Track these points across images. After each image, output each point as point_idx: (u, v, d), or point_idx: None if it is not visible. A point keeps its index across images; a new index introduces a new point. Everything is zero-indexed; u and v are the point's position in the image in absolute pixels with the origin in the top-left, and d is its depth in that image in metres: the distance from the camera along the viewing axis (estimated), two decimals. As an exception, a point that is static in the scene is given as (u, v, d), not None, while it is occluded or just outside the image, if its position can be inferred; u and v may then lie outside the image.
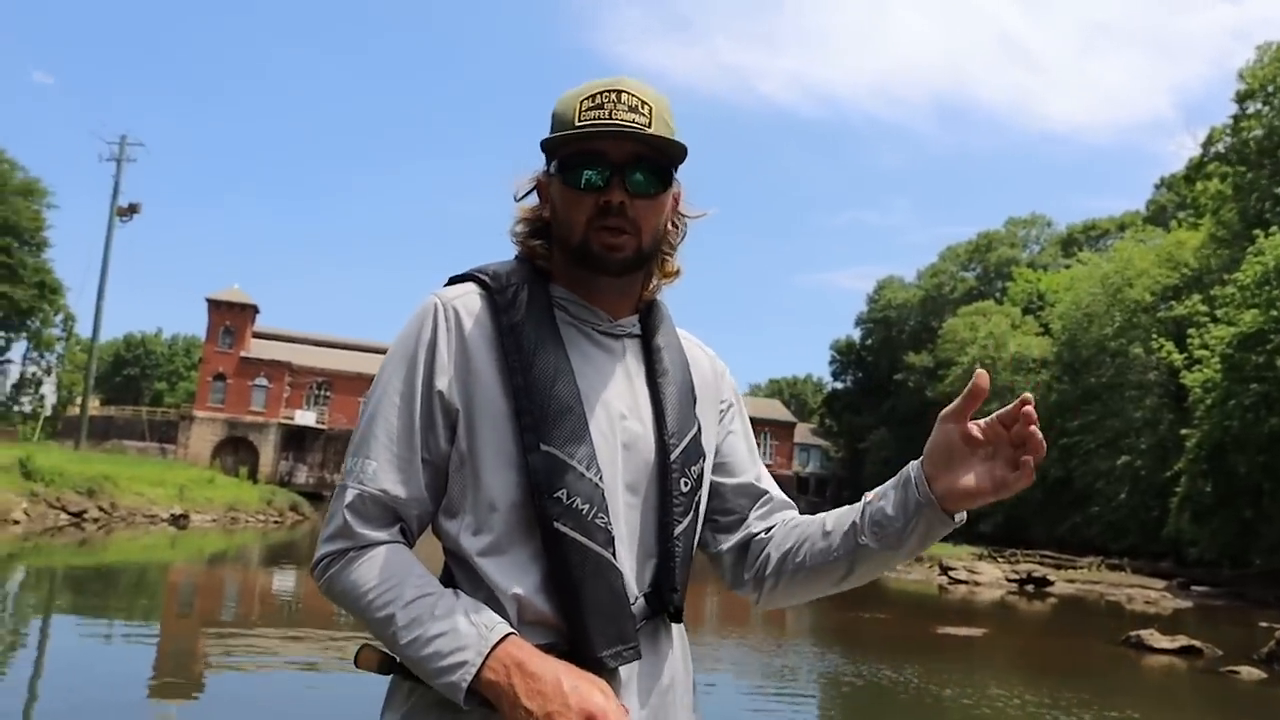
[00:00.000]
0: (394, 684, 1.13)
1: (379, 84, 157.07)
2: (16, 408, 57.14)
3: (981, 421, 1.11)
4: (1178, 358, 30.84)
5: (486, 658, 0.99)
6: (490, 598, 1.07)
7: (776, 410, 66.02)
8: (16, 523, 17.62)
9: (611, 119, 1.12)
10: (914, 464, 1.16)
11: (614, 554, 1.09)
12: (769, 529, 1.30)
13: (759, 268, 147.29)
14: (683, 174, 1.20)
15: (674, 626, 1.21)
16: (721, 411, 1.33)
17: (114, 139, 35.82)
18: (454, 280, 1.23)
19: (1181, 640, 12.36)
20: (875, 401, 59.55)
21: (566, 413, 1.10)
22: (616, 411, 1.16)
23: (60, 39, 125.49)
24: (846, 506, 1.25)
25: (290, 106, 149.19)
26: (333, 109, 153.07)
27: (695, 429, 1.23)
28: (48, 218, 45.45)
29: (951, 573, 25.22)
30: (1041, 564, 28.85)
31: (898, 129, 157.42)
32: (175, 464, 38.18)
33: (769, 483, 1.36)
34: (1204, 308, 31.59)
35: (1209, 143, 37.63)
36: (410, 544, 1.14)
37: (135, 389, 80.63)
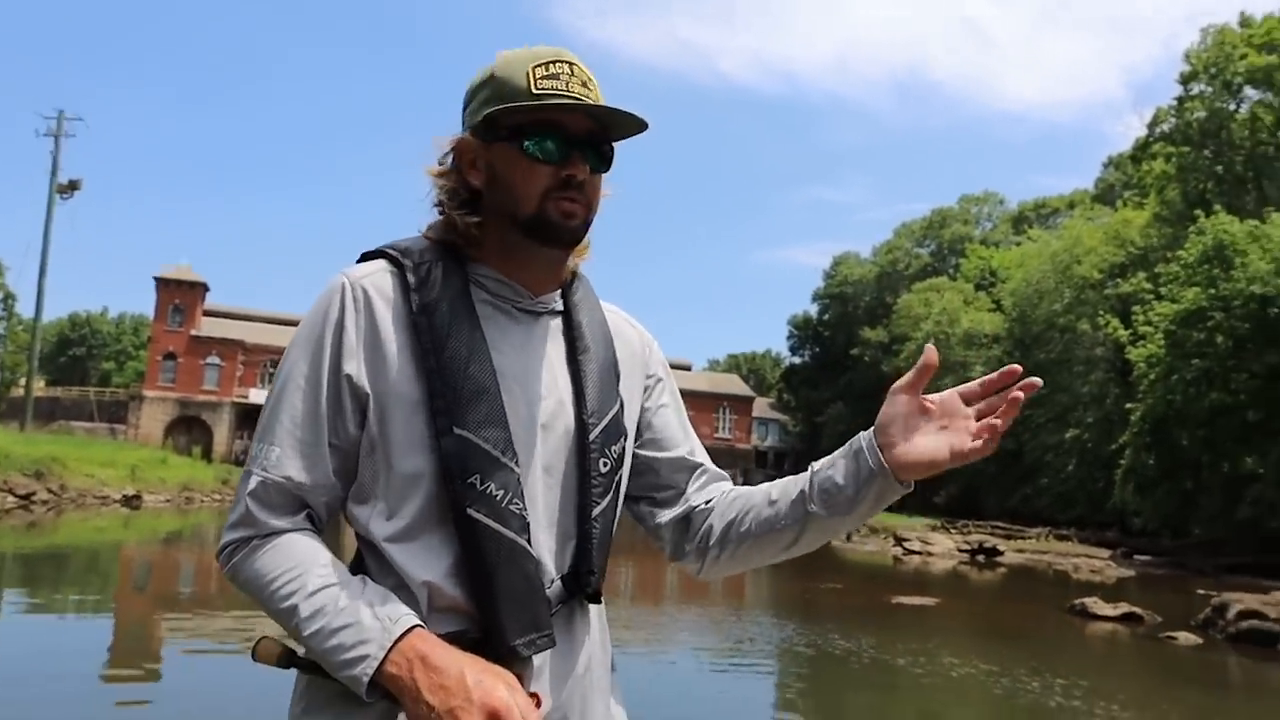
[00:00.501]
0: (297, 678, 1.10)
1: (327, 59, 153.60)
2: (-44, 388, 55.30)
3: (937, 395, 1.14)
4: (1123, 334, 31.65)
5: (389, 651, 0.96)
6: (400, 585, 1.05)
7: (735, 385, 66.51)
8: (-40, 506, 17.19)
9: (568, 90, 1.09)
10: (865, 434, 1.16)
11: (529, 540, 1.06)
12: (708, 501, 1.28)
13: (718, 245, 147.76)
14: (638, 148, 1.18)
15: (592, 608, 1.18)
16: (648, 387, 1.31)
17: (52, 114, 34.59)
18: (365, 257, 1.17)
19: (1124, 608, 12.83)
20: (832, 376, 60.25)
21: (481, 394, 1.07)
22: (535, 392, 1.13)
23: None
24: (790, 477, 1.24)
25: (238, 82, 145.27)
26: (282, 85, 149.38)
27: (617, 407, 1.19)
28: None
29: (905, 544, 25.79)
30: (993, 535, 29.60)
31: (856, 106, 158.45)
32: (126, 445, 37.38)
33: (702, 455, 1.34)
34: (1149, 285, 32.46)
35: (1154, 123, 38.49)
36: (318, 531, 1.10)
37: (82, 369, 78.53)
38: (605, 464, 1.16)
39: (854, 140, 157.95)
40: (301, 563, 1.03)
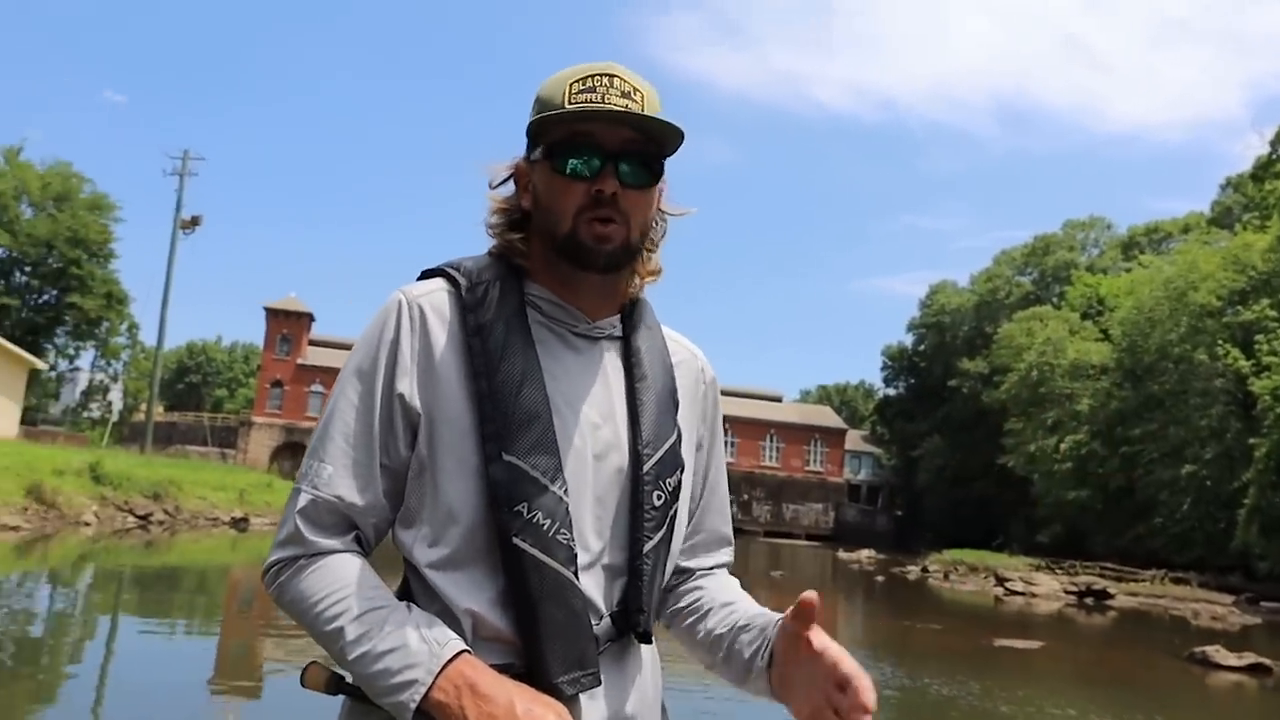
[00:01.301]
0: (343, 704, 1.07)
1: (433, 102, 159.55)
2: (85, 414, 59.12)
3: (819, 645, 0.97)
4: (1245, 364, 29.81)
5: (437, 677, 0.93)
6: (444, 611, 1.02)
7: (827, 417, 65.35)
8: (87, 525, 18.24)
9: (604, 102, 1.04)
10: (771, 630, 1.08)
11: (575, 573, 1.02)
12: (683, 573, 1.24)
13: (811, 274, 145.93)
14: (731, 177, 1.13)
15: (643, 648, 1.13)
16: (700, 422, 1.25)
17: (177, 154, 36.91)
18: (425, 275, 1.15)
19: (1250, 657, 11.94)
20: (928, 408, 58.58)
21: (532, 420, 1.03)
22: (589, 419, 1.09)
23: (131, 60, 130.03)
24: (737, 608, 1.17)
25: (346, 124, 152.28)
26: (382, 122, 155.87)
27: (674, 437, 1.14)
28: (115, 231, 47.08)
29: (1007, 584, 24.69)
30: (1102, 576, 28.08)
31: (955, 132, 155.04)
32: (235, 468, 39.14)
33: (715, 514, 1.28)
34: (1273, 313, 30.50)
35: (1278, 141, 36.37)
36: (366, 553, 1.08)
37: (197, 395, 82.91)
38: (659, 497, 1.11)
39: (953, 166, 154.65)
40: (348, 585, 1.01)
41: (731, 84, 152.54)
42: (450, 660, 0.94)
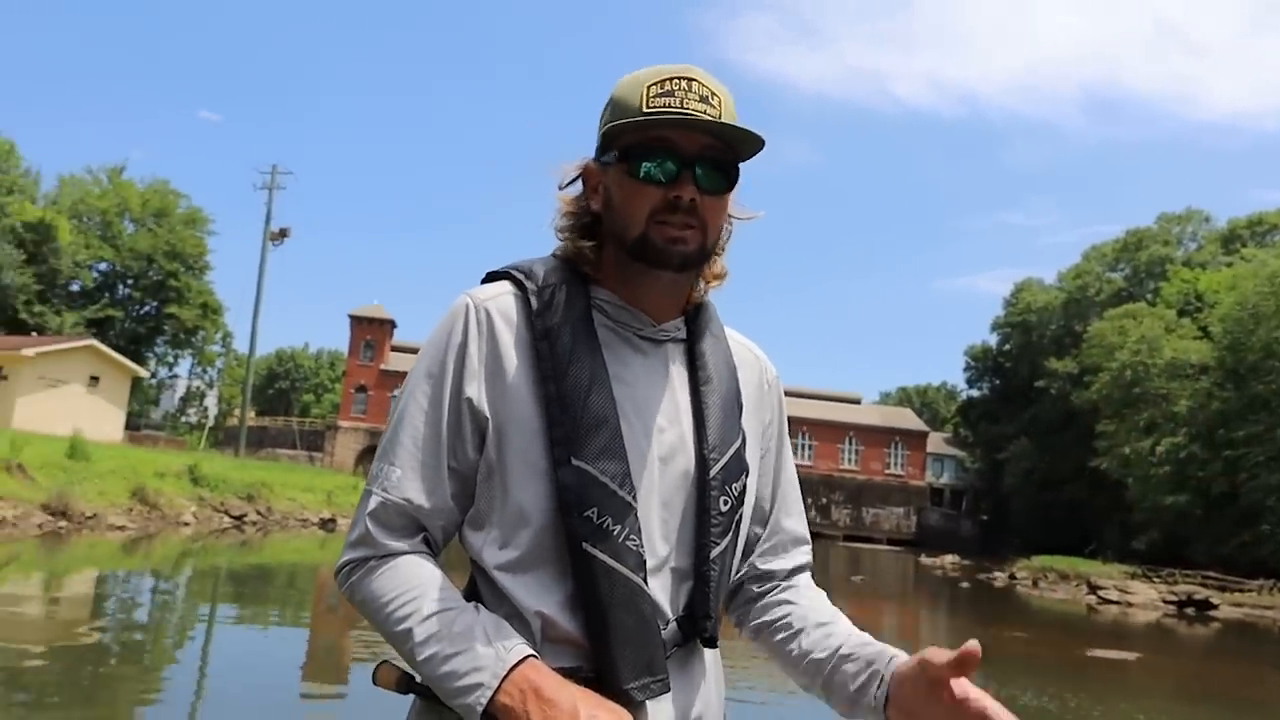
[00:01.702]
0: (412, 703, 1.09)
1: (508, 108, 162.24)
2: (183, 419, 61.93)
3: (961, 691, 0.95)
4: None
5: (503, 681, 0.93)
6: (513, 614, 1.03)
7: (908, 419, 63.97)
8: (187, 525, 19.08)
9: (683, 108, 1.04)
10: (884, 666, 1.04)
11: (644, 579, 1.03)
12: (767, 579, 1.21)
13: (891, 274, 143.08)
14: (809, 178, 1.11)
15: (707, 652, 1.14)
16: (766, 424, 1.25)
17: (266, 169, 38.38)
18: (490, 277, 1.15)
19: (1371, 673, 11.20)
20: (1014, 410, 56.77)
21: (600, 425, 1.03)
22: (655, 423, 1.09)
23: (225, 79, 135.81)
24: (826, 629, 1.14)
25: (426, 133, 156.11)
26: (466, 134, 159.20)
27: (739, 441, 1.14)
28: (209, 244, 49.23)
29: (1101, 592, 23.73)
30: (1204, 585, 26.72)
31: (1042, 125, 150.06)
32: (323, 471, 40.44)
33: (791, 517, 1.26)
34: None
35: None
36: (435, 554, 1.09)
37: (285, 400, 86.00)
38: (725, 502, 1.11)
39: (1039, 161, 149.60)
40: (417, 586, 1.02)
41: (808, 83, 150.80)
42: (516, 664, 0.94)
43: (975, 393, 65.88)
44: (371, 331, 55.99)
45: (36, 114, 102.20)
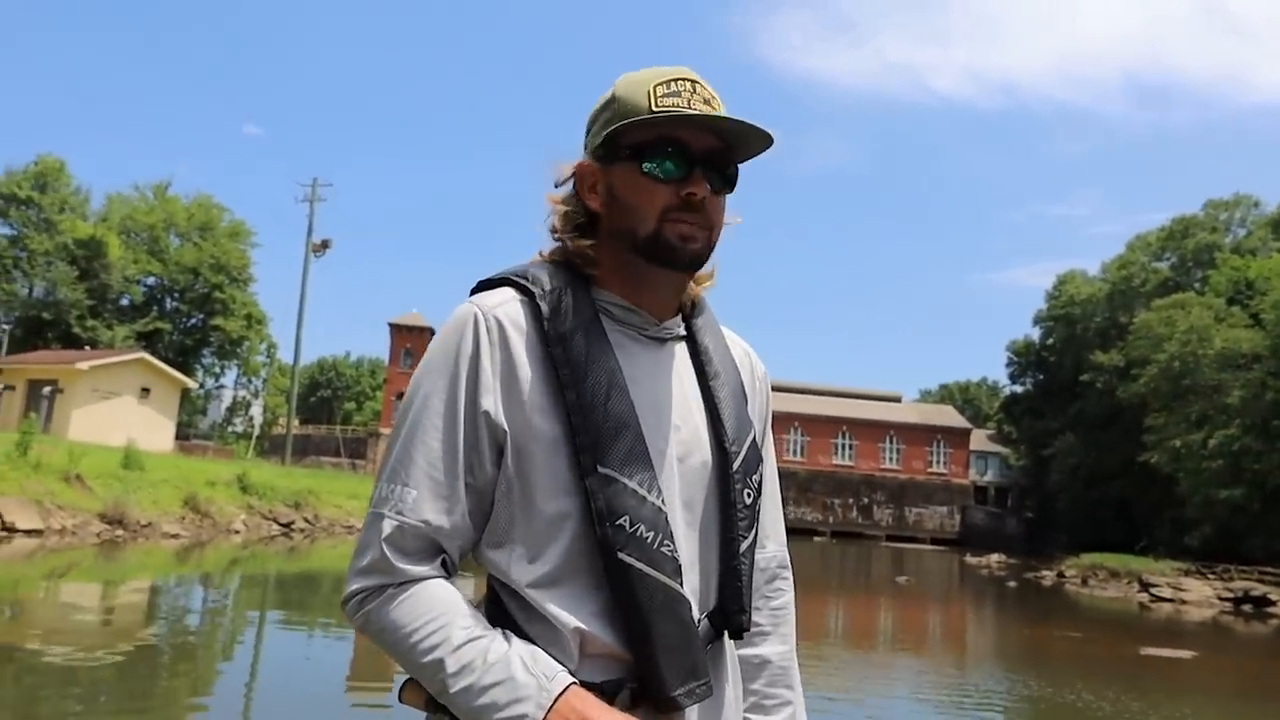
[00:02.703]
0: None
1: (541, 118, 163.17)
2: (230, 428, 63.11)
3: None
4: None
5: (548, 712, 0.91)
6: (548, 630, 1.00)
7: (949, 416, 63.13)
8: (237, 532, 19.47)
9: (690, 107, 1.05)
10: None
11: (681, 584, 1.01)
12: None
13: (930, 269, 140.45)
14: (846, 174, 1.13)
15: (729, 642, 1.14)
16: (761, 419, 1.24)
17: (307, 182, 39.00)
18: (484, 285, 1.11)
19: None
20: (1059, 404, 55.75)
21: (623, 430, 1.01)
22: (670, 422, 1.08)
23: (269, 95, 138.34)
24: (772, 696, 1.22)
25: (462, 144, 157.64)
26: (502, 144, 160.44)
27: (753, 433, 1.15)
28: (252, 256, 50.17)
29: (1153, 589, 23.23)
30: (1260, 581, 25.99)
31: (1083, 114, 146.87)
32: (366, 478, 40.90)
33: (775, 526, 1.26)
34: None
35: None
36: (450, 576, 1.06)
37: (328, 409, 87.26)
38: (748, 494, 1.11)
39: (1081, 150, 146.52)
40: (443, 614, 0.98)
41: (845, 80, 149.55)
42: (560, 693, 0.92)
43: (1018, 388, 64.83)
44: (411, 340, 56.62)
45: (85, 133, 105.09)
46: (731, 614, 1.08)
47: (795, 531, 51.33)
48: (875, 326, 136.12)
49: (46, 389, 29.28)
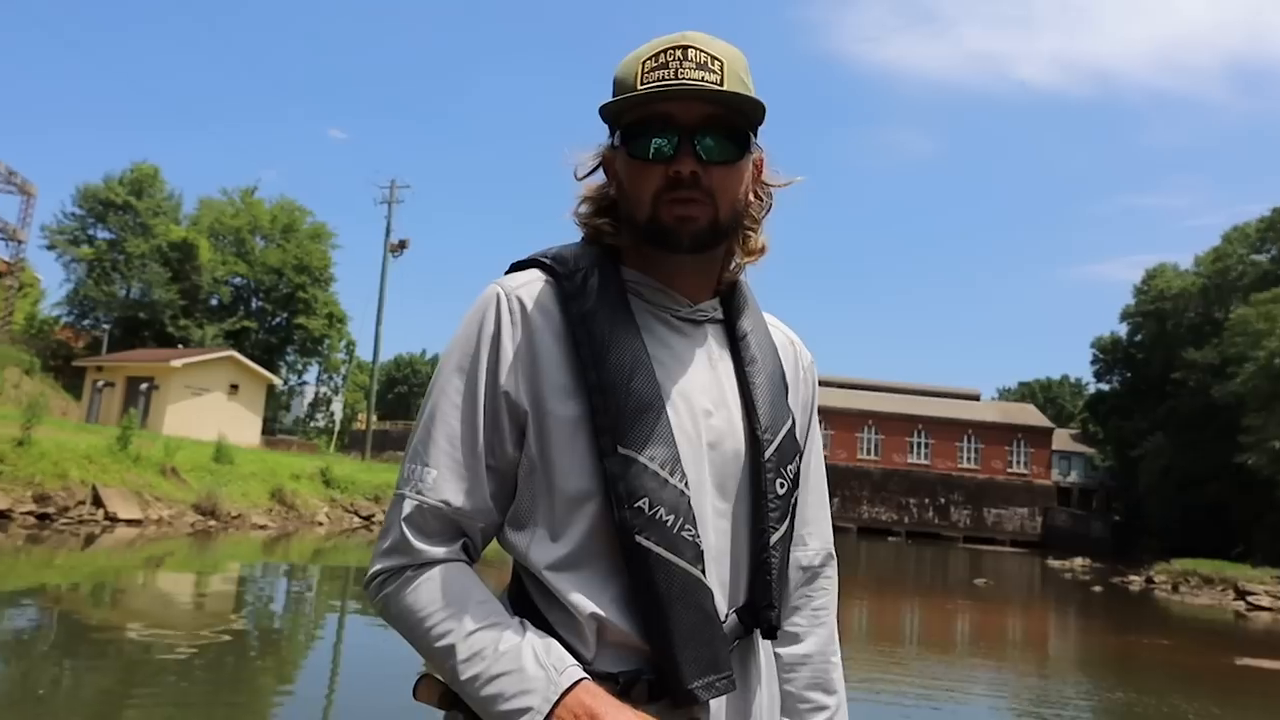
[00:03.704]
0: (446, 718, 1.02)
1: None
2: (312, 423, 65.14)
3: None
4: None
5: (555, 705, 0.88)
6: (566, 617, 0.97)
7: (1031, 415, 61.28)
8: (320, 524, 20.12)
9: (678, 79, 0.98)
10: None
11: (703, 570, 0.97)
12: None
13: (1012, 265, 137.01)
14: (925, 167, 1.10)
15: (764, 642, 1.09)
16: (803, 409, 1.18)
17: (386, 184, 39.98)
18: (516, 266, 1.09)
19: None
20: (1148, 404, 53.57)
21: (645, 411, 0.97)
22: (700, 407, 1.03)
23: (352, 100, 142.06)
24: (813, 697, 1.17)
25: (529, 142, 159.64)
26: (577, 143, 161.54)
27: (790, 422, 1.09)
28: (333, 256, 51.69)
29: (1251, 598, 22.15)
30: (1370, 591, 24.57)
31: (1179, 101, 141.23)
32: (442, 473, 41.77)
33: (820, 525, 1.22)
34: None
35: None
36: (473, 560, 1.03)
37: (405, 405, 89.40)
38: (782, 485, 1.06)
39: (1177, 139, 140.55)
40: (459, 598, 0.96)
41: (925, 72, 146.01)
42: (570, 688, 0.89)
43: (1104, 386, 62.54)
44: (485, 337, 57.57)
45: (178, 140, 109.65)
46: (761, 609, 1.04)
47: (869, 531, 50.56)
48: (952, 323, 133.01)
49: (144, 385, 30.71)
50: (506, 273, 1.09)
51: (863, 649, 10.69)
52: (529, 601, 1.01)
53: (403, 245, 39.64)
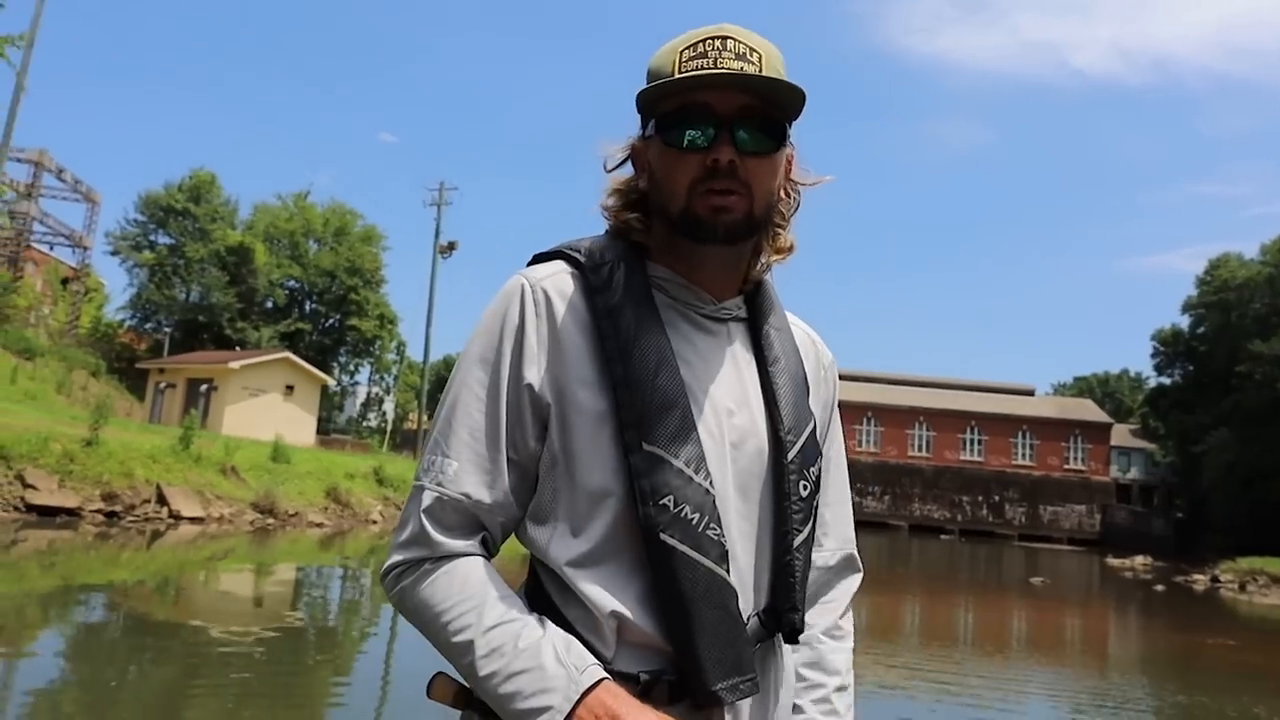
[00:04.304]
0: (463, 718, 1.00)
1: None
2: (365, 423, 66.30)
3: None
4: None
5: (576, 705, 0.86)
6: (585, 615, 0.96)
7: (1088, 410, 59.84)
8: (374, 522, 20.49)
9: (717, 67, 0.97)
10: None
11: (728, 571, 0.95)
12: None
13: (1068, 258, 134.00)
14: (980, 160, 1.07)
15: (785, 646, 1.07)
16: (824, 409, 1.17)
17: (435, 186, 40.51)
18: (539, 258, 1.08)
19: None
20: (1212, 398, 51.96)
21: (670, 408, 0.96)
22: (723, 405, 1.02)
23: (402, 103, 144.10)
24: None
25: (581, 151, 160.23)
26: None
27: (812, 424, 1.08)
28: (384, 259, 52.53)
29: (1323, 598, 21.38)
30: None
31: (1244, 86, 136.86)
32: (492, 471, 42.19)
33: (838, 525, 1.19)
34: None
35: None
36: (491, 555, 1.01)
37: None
38: (805, 487, 1.04)
39: (1242, 126, 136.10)
40: (477, 593, 0.94)
41: (979, 62, 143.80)
42: (591, 688, 0.87)
43: (1165, 380, 60.82)
44: (532, 336, 58.01)
45: (234, 146, 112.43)
46: (784, 613, 1.02)
47: (921, 529, 49.87)
48: (1005, 319, 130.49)
49: (203, 387, 31.57)
50: (530, 264, 1.08)
51: (915, 648, 10.57)
52: (547, 598, 0.99)
53: (451, 246, 40.11)
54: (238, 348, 41.58)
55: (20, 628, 7.78)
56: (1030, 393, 61.56)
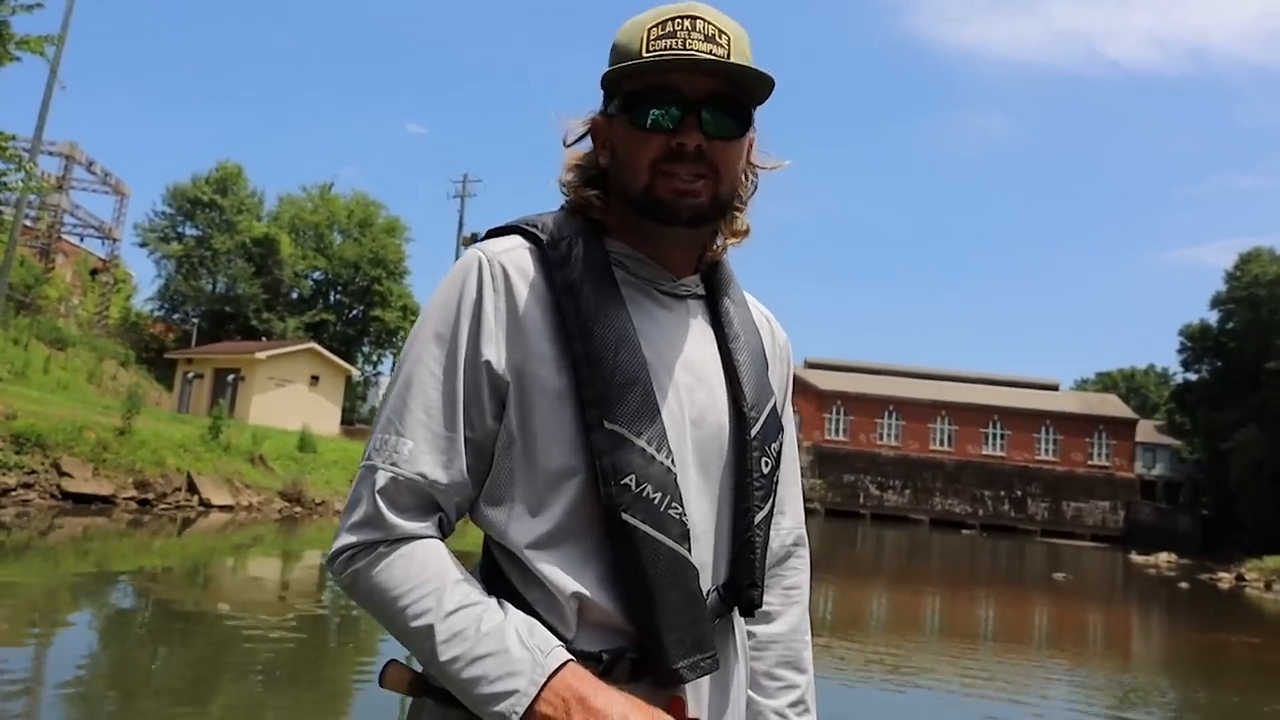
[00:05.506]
0: (418, 707, 0.98)
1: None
2: (389, 413, 66.81)
3: None
4: None
5: (542, 688, 0.84)
6: (545, 596, 0.94)
7: (1113, 406, 59.24)
8: (396, 511, 20.75)
9: (685, 49, 0.96)
10: None
11: (689, 549, 0.95)
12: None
13: (1096, 251, 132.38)
14: (1007, 152, 1.06)
15: (738, 619, 1.08)
16: (780, 388, 1.17)
17: (459, 178, 40.70)
18: (495, 233, 1.06)
19: None
20: (1240, 394, 51.25)
21: (632, 385, 0.95)
22: (684, 381, 1.01)
23: (431, 94, 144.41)
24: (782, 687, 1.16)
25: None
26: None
27: (773, 400, 1.09)
28: (407, 250, 52.87)
29: (1351, 597, 21.12)
30: None
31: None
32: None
33: (793, 504, 1.21)
34: None
35: None
36: (445, 536, 0.99)
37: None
38: (766, 463, 1.04)
39: (1277, 116, 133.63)
40: (436, 576, 0.92)
41: (1010, 52, 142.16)
42: (556, 670, 0.86)
43: (1192, 376, 60.06)
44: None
45: (260, 137, 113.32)
46: (743, 588, 1.03)
47: (942, 523, 49.61)
48: (1027, 312, 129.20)
49: (230, 377, 31.97)
50: (484, 237, 1.06)
51: (936, 643, 10.59)
52: (504, 580, 0.98)
53: (475, 239, 40.11)
54: (264, 338, 42.01)
55: (56, 611, 7.99)
56: (1054, 387, 61.01)
